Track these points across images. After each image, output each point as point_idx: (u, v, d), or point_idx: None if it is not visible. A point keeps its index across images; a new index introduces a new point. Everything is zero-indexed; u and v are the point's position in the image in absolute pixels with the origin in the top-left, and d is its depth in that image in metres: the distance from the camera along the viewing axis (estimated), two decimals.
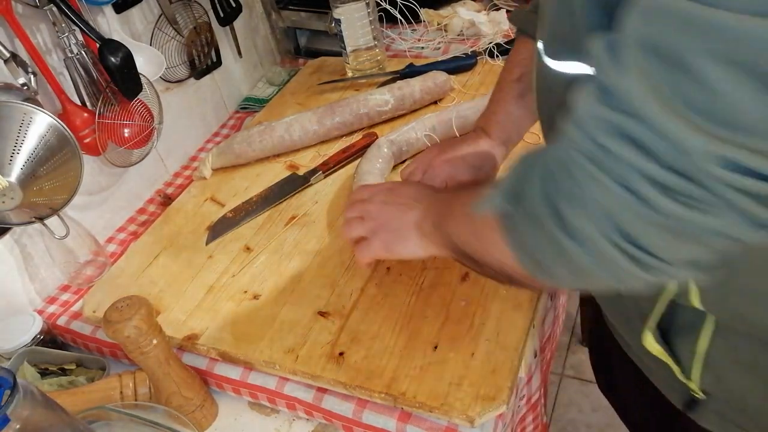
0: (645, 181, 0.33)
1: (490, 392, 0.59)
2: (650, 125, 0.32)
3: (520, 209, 0.42)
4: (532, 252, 0.43)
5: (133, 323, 0.57)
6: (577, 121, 0.36)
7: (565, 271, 0.41)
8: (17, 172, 0.71)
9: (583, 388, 1.58)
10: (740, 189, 0.31)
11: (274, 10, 1.28)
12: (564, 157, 0.37)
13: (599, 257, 0.37)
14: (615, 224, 0.36)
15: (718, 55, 0.28)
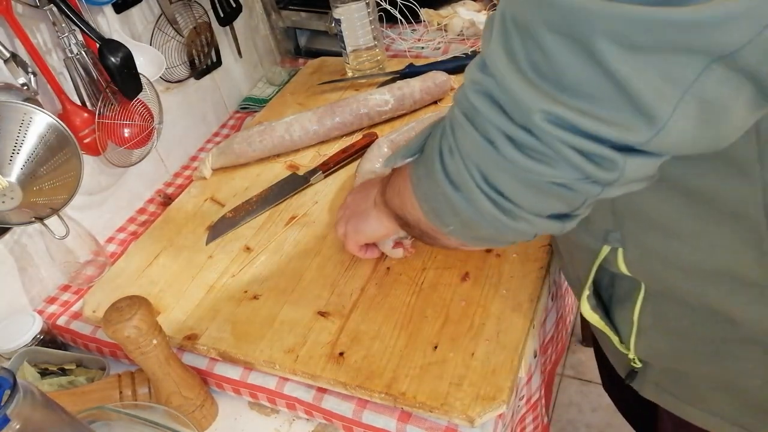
0: (499, 133, 0.38)
1: (490, 392, 0.59)
2: (500, 83, 0.37)
3: (422, 161, 0.48)
4: (430, 201, 0.47)
5: (133, 323, 0.57)
6: (463, 84, 0.42)
7: (456, 221, 0.46)
8: (17, 172, 0.71)
9: (583, 388, 1.58)
10: (568, 143, 0.36)
11: (274, 10, 1.28)
12: (450, 115, 0.44)
13: (473, 203, 0.42)
14: (481, 172, 0.41)
15: (552, 25, 0.33)
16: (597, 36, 0.32)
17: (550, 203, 0.41)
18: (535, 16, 0.34)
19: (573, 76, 0.34)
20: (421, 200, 0.49)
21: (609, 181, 0.37)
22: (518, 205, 0.41)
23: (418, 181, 0.48)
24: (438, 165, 0.44)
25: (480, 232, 0.46)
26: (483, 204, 0.42)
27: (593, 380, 1.59)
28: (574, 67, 0.33)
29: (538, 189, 0.39)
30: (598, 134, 0.35)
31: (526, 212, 0.42)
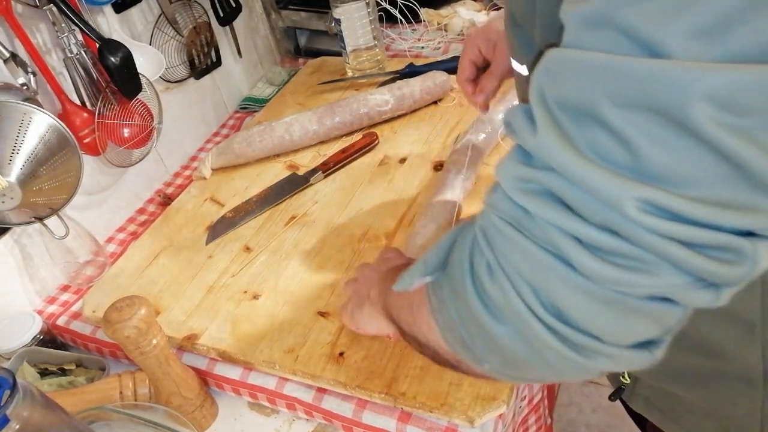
0: (569, 240, 0.30)
1: (491, 392, 0.59)
2: (567, 177, 0.29)
3: (445, 281, 0.38)
4: (457, 331, 0.37)
5: (133, 323, 0.57)
6: (498, 185, 0.34)
7: (495, 358, 0.36)
8: (17, 172, 0.71)
9: (583, 388, 1.58)
10: (668, 236, 0.27)
11: (274, 10, 1.28)
12: (485, 224, 0.34)
13: (526, 339, 0.33)
14: (540, 296, 0.32)
15: (622, 99, 0.27)
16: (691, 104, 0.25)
17: (640, 327, 0.32)
18: (593, 93, 0.27)
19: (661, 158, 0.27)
20: (444, 329, 0.39)
21: (734, 279, 0.29)
22: (595, 336, 0.31)
23: (440, 306, 0.39)
24: (471, 289, 0.35)
25: (531, 373, 0.36)
26: (542, 339, 0.32)
27: (593, 380, 1.59)
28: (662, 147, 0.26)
29: (625, 309, 0.30)
30: (715, 222, 0.27)
31: (606, 344, 0.32)
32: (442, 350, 0.41)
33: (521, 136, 0.32)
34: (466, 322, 0.36)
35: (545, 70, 0.30)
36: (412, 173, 0.89)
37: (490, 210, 0.34)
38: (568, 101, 0.29)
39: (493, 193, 0.34)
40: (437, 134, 0.96)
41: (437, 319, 0.39)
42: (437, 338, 0.40)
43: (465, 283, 0.35)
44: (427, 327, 0.41)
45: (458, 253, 0.37)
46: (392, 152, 0.95)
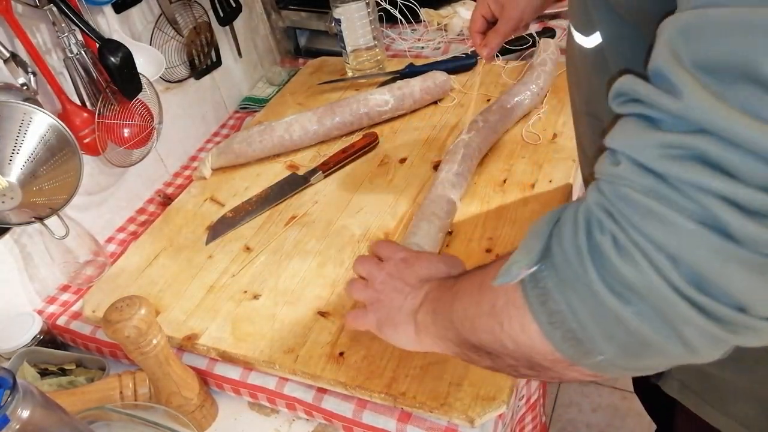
0: (724, 205, 0.28)
1: (490, 392, 0.59)
2: (725, 137, 0.27)
3: (553, 274, 0.35)
4: (569, 326, 0.35)
5: (133, 323, 0.57)
6: (625, 156, 0.32)
7: (613, 346, 0.34)
8: (17, 172, 0.71)
9: (583, 388, 1.58)
10: None
11: (274, 10, 1.28)
12: (609, 199, 0.32)
13: (663, 316, 0.31)
14: (681, 268, 0.29)
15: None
16: None
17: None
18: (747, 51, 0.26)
19: None
20: (548, 324, 0.36)
21: None
22: (742, 308, 0.30)
23: (543, 299, 0.36)
24: (592, 271, 0.32)
25: (654, 357, 0.34)
26: (682, 314, 0.30)
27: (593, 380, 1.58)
28: None
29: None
30: None
31: (752, 317, 0.30)
32: (535, 352, 0.38)
33: (657, 102, 0.30)
34: (580, 312, 0.34)
35: (680, 32, 0.29)
36: (412, 173, 0.89)
37: (615, 183, 0.32)
38: (714, 62, 0.28)
39: (613, 165, 0.32)
40: (437, 134, 0.96)
41: (538, 314, 0.37)
42: (533, 338, 0.38)
43: (584, 266, 0.33)
44: (520, 327, 0.38)
45: (567, 237, 0.35)
46: (392, 152, 0.95)
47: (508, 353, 0.41)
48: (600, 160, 0.35)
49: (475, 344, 0.44)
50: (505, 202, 0.80)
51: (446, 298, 0.48)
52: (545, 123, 0.93)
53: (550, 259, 0.36)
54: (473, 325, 0.43)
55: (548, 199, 0.79)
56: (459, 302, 0.45)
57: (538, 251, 0.37)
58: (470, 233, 0.77)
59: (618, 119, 0.34)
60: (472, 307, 0.44)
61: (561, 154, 0.86)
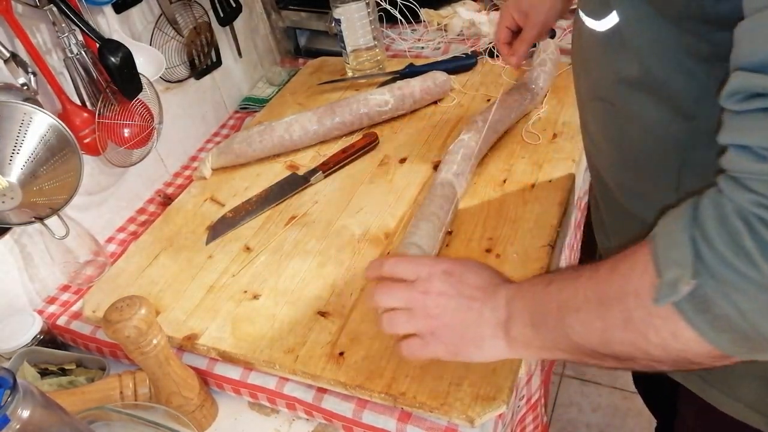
0: None
1: (490, 392, 0.59)
2: None
3: (712, 281, 0.35)
4: (741, 328, 0.35)
5: (133, 323, 0.57)
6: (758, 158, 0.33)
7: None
8: (17, 172, 0.71)
9: (583, 388, 1.58)
10: None
11: (274, 10, 1.28)
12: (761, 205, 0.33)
13: None
14: None
15: None
16: None
17: None
18: None
19: None
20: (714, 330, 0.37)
21: None
22: None
23: (703, 307, 0.36)
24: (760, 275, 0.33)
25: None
26: None
27: (593, 380, 1.59)
28: None
29: None
30: None
31: None
32: (690, 354, 0.39)
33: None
34: (751, 313, 0.34)
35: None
36: (412, 173, 0.89)
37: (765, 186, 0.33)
38: None
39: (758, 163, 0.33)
40: (437, 134, 0.96)
41: (697, 323, 0.37)
42: (689, 344, 0.38)
43: (758, 268, 0.33)
44: (671, 337, 0.38)
45: (722, 245, 0.35)
46: (392, 152, 0.95)
47: (651, 358, 0.41)
48: (730, 160, 0.35)
49: (603, 354, 0.43)
50: (505, 202, 0.80)
51: (545, 310, 0.46)
52: (545, 123, 0.93)
53: (704, 268, 0.36)
54: (603, 338, 0.42)
55: (548, 199, 0.79)
56: (574, 317, 0.44)
57: (692, 260, 0.36)
58: (470, 233, 0.77)
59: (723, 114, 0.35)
60: (596, 322, 0.43)
61: (561, 154, 0.86)
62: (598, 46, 0.53)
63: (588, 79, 0.58)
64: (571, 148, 0.87)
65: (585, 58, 0.58)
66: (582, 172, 0.91)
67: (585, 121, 0.64)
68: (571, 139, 0.88)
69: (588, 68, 0.58)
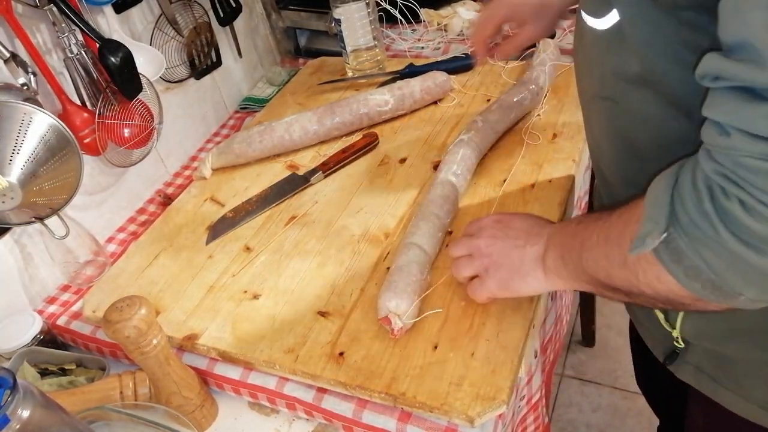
0: None
1: (490, 392, 0.59)
2: None
3: (683, 236, 0.40)
4: (708, 277, 0.40)
5: (133, 323, 0.57)
6: (734, 128, 0.36)
7: (754, 288, 0.40)
8: (17, 172, 0.71)
9: (583, 388, 1.58)
10: None
11: (274, 10, 1.28)
12: (729, 168, 0.37)
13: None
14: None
15: None
16: None
17: None
18: None
19: None
20: (686, 277, 0.42)
21: None
22: None
23: (677, 257, 0.41)
24: (724, 232, 0.38)
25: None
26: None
27: (593, 380, 1.59)
28: None
29: None
30: None
31: None
32: (673, 295, 0.44)
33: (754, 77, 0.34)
34: (716, 265, 0.39)
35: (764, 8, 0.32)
36: (412, 173, 0.89)
37: (731, 153, 0.37)
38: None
39: (723, 137, 0.37)
40: (437, 134, 0.96)
41: (673, 270, 0.42)
42: (671, 287, 0.43)
43: (716, 229, 0.38)
44: (656, 279, 0.44)
45: (690, 203, 0.40)
46: (392, 152, 0.95)
47: (646, 295, 0.46)
48: (704, 132, 0.39)
49: (611, 287, 0.49)
50: (505, 202, 0.80)
51: (572, 244, 0.53)
52: (545, 123, 0.93)
53: (677, 223, 0.41)
54: (608, 274, 0.49)
55: (548, 199, 0.79)
56: (588, 252, 0.51)
57: (665, 219, 0.41)
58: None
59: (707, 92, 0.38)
60: (602, 259, 0.49)
61: (561, 154, 0.86)
62: (599, 44, 0.53)
63: (590, 78, 0.59)
64: (571, 148, 0.87)
65: (587, 57, 0.58)
66: (582, 172, 0.91)
67: (588, 119, 0.65)
68: (571, 139, 0.88)
69: (590, 67, 0.58)
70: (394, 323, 0.64)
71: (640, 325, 0.68)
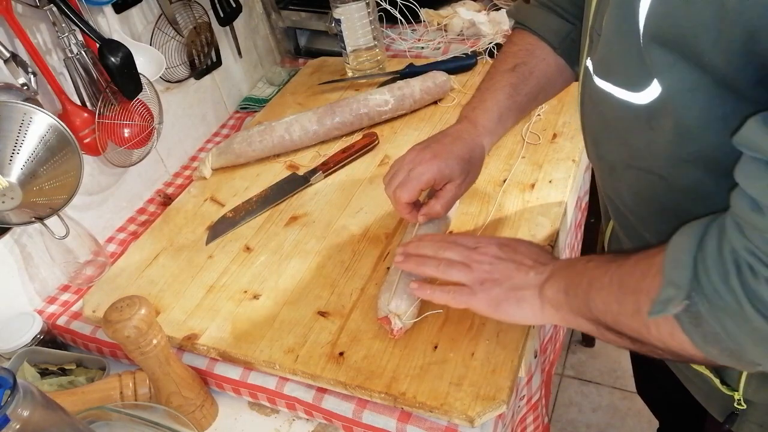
0: None
1: (490, 392, 0.59)
2: None
3: (705, 303, 0.39)
4: (726, 345, 0.40)
5: (133, 323, 0.57)
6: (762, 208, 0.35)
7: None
8: (17, 172, 0.71)
9: (583, 388, 1.58)
10: None
11: (274, 10, 1.28)
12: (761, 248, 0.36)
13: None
14: None
15: None
16: None
17: None
18: None
19: None
20: (704, 342, 0.41)
21: None
22: None
23: (696, 322, 0.40)
24: (749, 309, 0.37)
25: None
26: None
27: (593, 380, 1.59)
28: None
29: None
30: None
31: None
32: (685, 352, 0.43)
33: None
34: (738, 336, 0.39)
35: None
36: None
37: (763, 232, 0.36)
38: None
39: (756, 214, 0.36)
40: None
41: (691, 333, 0.41)
42: (685, 346, 0.42)
43: (741, 305, 0.37)
44: (669, 336, 0.43)
45: (716, 275, 0.39)
46: (392, 152, 0.95)
47: (654, 347, 0.45)
48: (735, 200, 0.38)
49: (617, 331, 0.48)
50: (504, 202, 0.81)
51: (579, 281, 0.52)
52: (545, 123, 0.93)
53: (700, 290, 0.39)
54: (616, 320, 0.47)
55: (548, 199, 0.79)
56: (597, 293, 0.49)
57: (687, 284, 0.40)
58: (470, 233, 0.77)
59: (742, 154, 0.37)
60: (613, 304, 0.47)
61: (561, 154, 0.86)
62: (637, 119, 0.47)
63: (623, 148, 0.53)
64: (571, 148, 0.87)
65: (614, 128, 0.53)
66: (582, 172, 0.91)
67: (615, 186, 0.60)
68: (571, 139, 0.88)
69: (620, 138, 0.53)
70: (393, 323, 0.64)
71: (690, 383, 0.66)
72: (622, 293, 0.46)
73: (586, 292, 0.50)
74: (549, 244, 0.73)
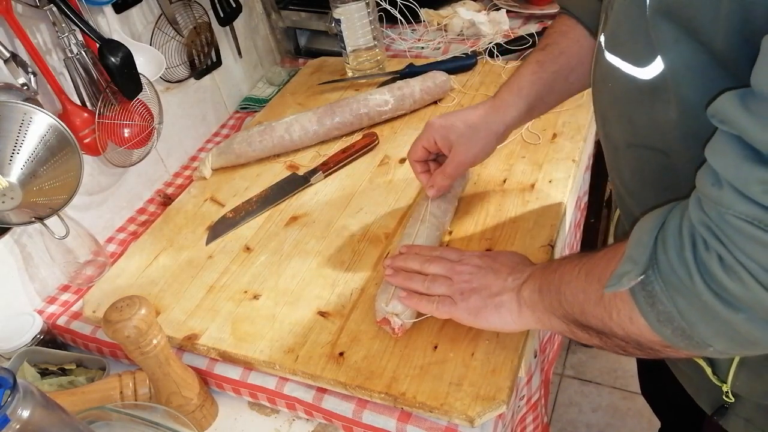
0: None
1: (490, 392, 0.59)
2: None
3: (659, 281, 0.40)
4: (679, 324, 0.40)
5: (133, 323, 0.57)
6: (727, 183, 0.35)
7: (722, 341, 0.39)
8: (17, 172, 0.71)
9: (583, 388, 1.58)
10: None
11: (274, 10, 1.28)
12: (715, 223, 0.36)
13: None
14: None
15: None
16: None
17: None
18: None
19: None
20: (658, 322, 0.41)
21: None
22: None
23: (651, 301, 0.41)
24: (700, 284, 0.37)
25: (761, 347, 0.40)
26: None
27: (593, 380, 1.59)
28: None
29: None
30: None
31: None
32: (644, 339, 0.44)
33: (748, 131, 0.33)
34: (688, 314, 0.39)
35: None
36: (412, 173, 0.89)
37: (721, 209, 0.36)
38: None
39: (715, 188, 0.36)
40: None
41: (646, 313, 0.41)
42: (642, 330, 0.43)
43: (693, 280, 0.38)
44: (628, 320, 0.43)
45: (672, 249, 0.39)
46: (392, 152, 0.95)
47: (618, 337, 0.45)
48: (700, 174, 0.38)
49: (585, 325, 0.49)
50: (504, 202, 0.81)
51: (552, 278, 0.52)
52: (545, 123, 0.93)
53: (656, 266, 0.40)
54: (582, 310, 0.48)
55: (548, 199, 0.79)
56: (566, 286, 0.50)
57: (645, 260, 0.41)
58: (470, 233, 0.77)
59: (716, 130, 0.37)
60: (579, 294, 0.48)
61: (561, 154, 0.86)
62: (641, 94, 0.48)
63: (627, 126, 0.54)
64: (571, 148, 0.87)
65: (621, 104, 0.53)
66: (582, 172, 0.91)
67: (617, 166, 0.60)
68: (571, 139, 0.88)
69: (626, 115, 0.53)
70: (393, 323, 0.64)
71: (682, 375, 0.66)
72: (588, 282, 0.47)
73: (557, 287, 0.51)
74: (549, 244, 0.73)
